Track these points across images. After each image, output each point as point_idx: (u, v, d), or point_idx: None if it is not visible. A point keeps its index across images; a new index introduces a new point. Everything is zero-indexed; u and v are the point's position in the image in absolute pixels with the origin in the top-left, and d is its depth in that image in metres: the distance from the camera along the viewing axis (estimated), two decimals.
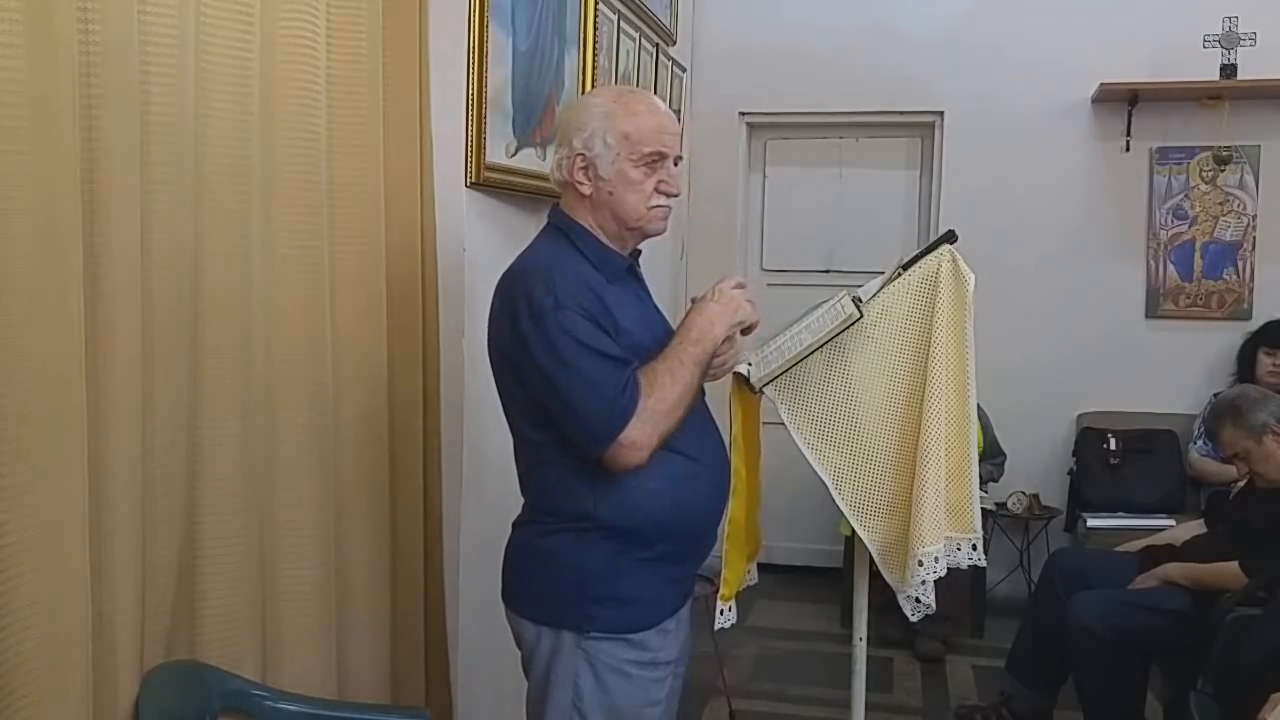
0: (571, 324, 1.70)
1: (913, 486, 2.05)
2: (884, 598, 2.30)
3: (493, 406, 2.86)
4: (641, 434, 1.72)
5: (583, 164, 1.82)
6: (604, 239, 1.86)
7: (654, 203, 1.84)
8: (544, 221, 1.96)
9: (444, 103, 2.45)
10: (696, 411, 1.85)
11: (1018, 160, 4.62)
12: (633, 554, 1.79)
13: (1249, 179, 4.51)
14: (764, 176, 5.06)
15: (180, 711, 1.69)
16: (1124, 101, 4.48)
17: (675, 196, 1.87)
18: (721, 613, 2.22)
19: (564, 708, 1.80)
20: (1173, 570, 3.07)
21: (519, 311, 1.74)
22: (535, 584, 1.84)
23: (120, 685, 1.62)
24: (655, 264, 4.29)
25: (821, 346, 2.05)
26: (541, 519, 1.84)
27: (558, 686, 1.81)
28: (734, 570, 2.16)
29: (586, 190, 1.83)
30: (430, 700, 2.40)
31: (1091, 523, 4.19)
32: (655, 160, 1.82)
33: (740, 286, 1.90)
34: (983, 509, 2.25)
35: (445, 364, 2.47)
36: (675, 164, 1.87)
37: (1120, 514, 4.19)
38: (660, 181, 1.83)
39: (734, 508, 2.14)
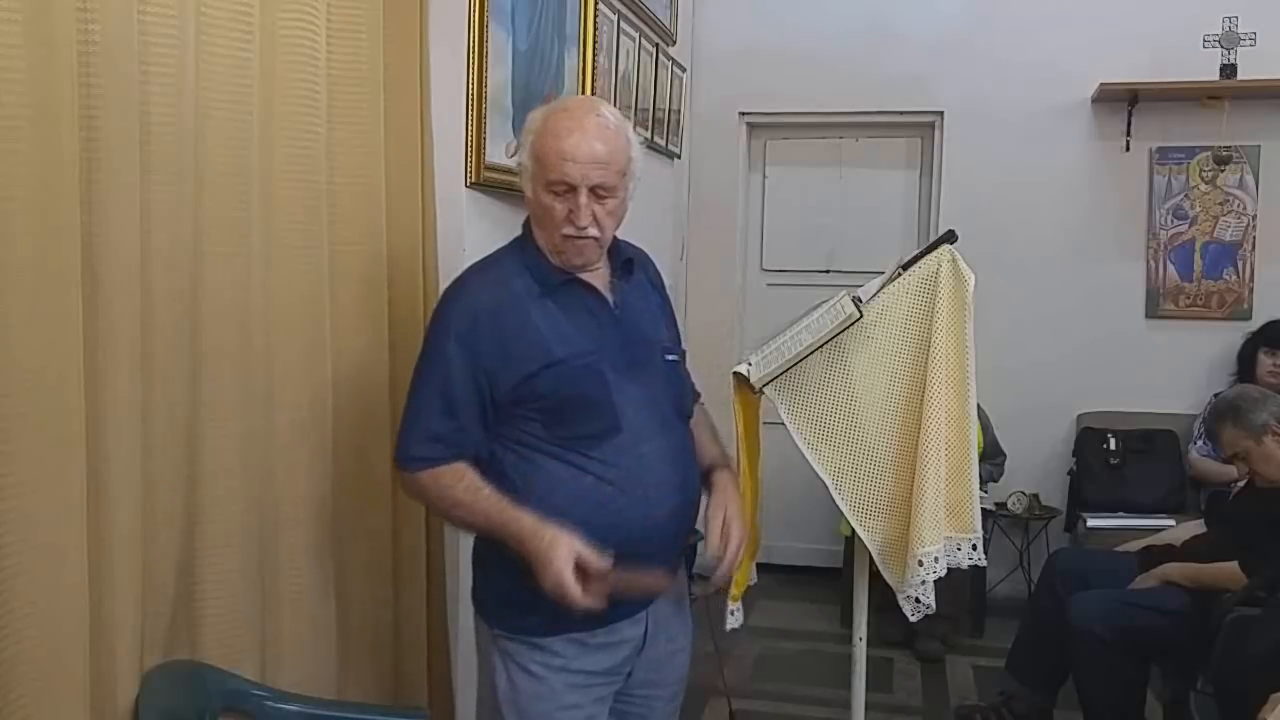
0: (448, 353, 1.74)
1: (913, 486, 2.06)
2: (884, 598, 2.30)
3: None
4: (414, 485, 1.79)
5: (518, 172, 1.82)
6: (546, 251, 1.82)
7: (564, 231, 1.75)
8: None
9: (444, 103, 2.45)
10: (649, 439, 1.80)
11: (1018, 160, 4.62)
12: (515, 571, 1.72)
13: (1249, 179, 4.50)
14: (764, 176, 5.06)
15: (180, 711, 1.69)
16: (1124, 101, 4.47)
17: (588, 231, 1.75)
18: (732, 614, 2.22)
19: (487, 700, 1.86)
20: (1173, 570, 3.07)
21: (434, 309, 1.84)
22: (475, 578, 1.91)
23: (119, 685, 1.62)
24: (656, 264, 4.29)
25: (821, 346, 2.06)
26: None
27: (484, 680, 1.86)
28: (741, 570, 2.16)
29: (526, 199, 1.82)
30: (430, 700, 2.40)
31: (1091, 523, 4.19)
32: (562, 190, 1.73)
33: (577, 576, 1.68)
34: (983, 509, 2.25)
35: None
36: (599, 196, 1.75)
37: (1120, 514, 4.19)
38: (569, 213, 1.74)
39: None
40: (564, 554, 1.64)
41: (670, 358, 1.93)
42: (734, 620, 2.22)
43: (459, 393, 1.74)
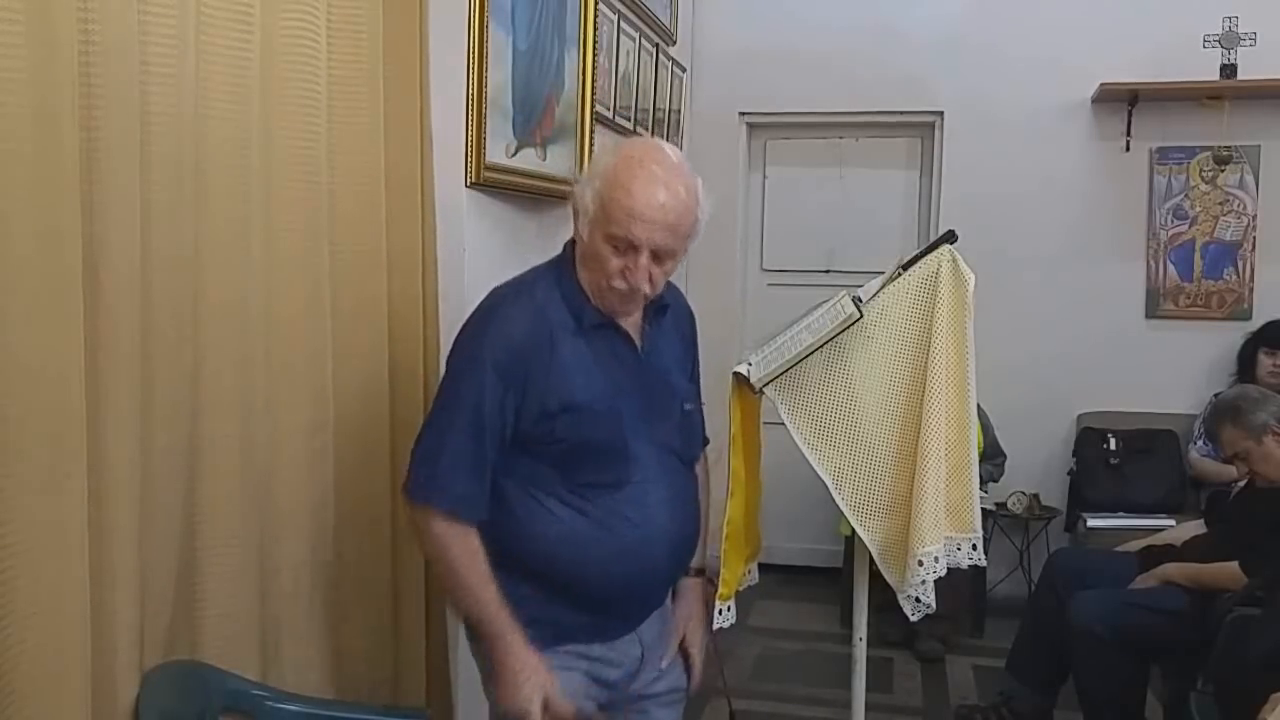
0: (484, 383, 1.68)
1: (913, 486, 2.05)
2: (884, 598, 2.30)
3: None
4: (429, 527, 1.71)
5: (574, 207, 1.73)
6: (588, 290, 1.75)
7: (615, 283, 1.69)
8: (543, 222, 1.96)
9: (444, 103, 2.45)
10: (655, 489, 1.78)
11: (1018, 160, 4.62)
12: (501, 579, 1.73)
13: (1249, 179, 4.51)
14: (764, 176, 5.06)
15: (180, 711, 1.69)
16: (1124, 101, 4.48)
17: (640, 288, 1.69)
18: (720, 612, 2.21)
19: (480, 684, 1.86)
20: (1173, 570, 3.07)
21: (464, 327, 1.77)
22: None
23: (120, 685, 1.62)
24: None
25: (821, 346, 2.05)
26: None
27: (477, 664, 1.86)
28: (732, 570, 2.16)
29: (575, 236, 1.76)
30: (430, 700, 2.40)
31: (1091, 523, 4.19)
32: (623, 247, 1.66)
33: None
34: (983, 509, 2.25)
35: (445, 364, 2.46)
36: (659, 258, 1.68)
37: (1120, 514, 4.19)
38: (624, 268, 1.67)
39: (732, 508, 2.15)
40: (536, 688, 1.69)
41: (688, 407, 1.91)
42: (721, 620, 2.22)
43: (490, 427, 1.69)
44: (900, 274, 2.12)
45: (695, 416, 1.95)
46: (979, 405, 2.29)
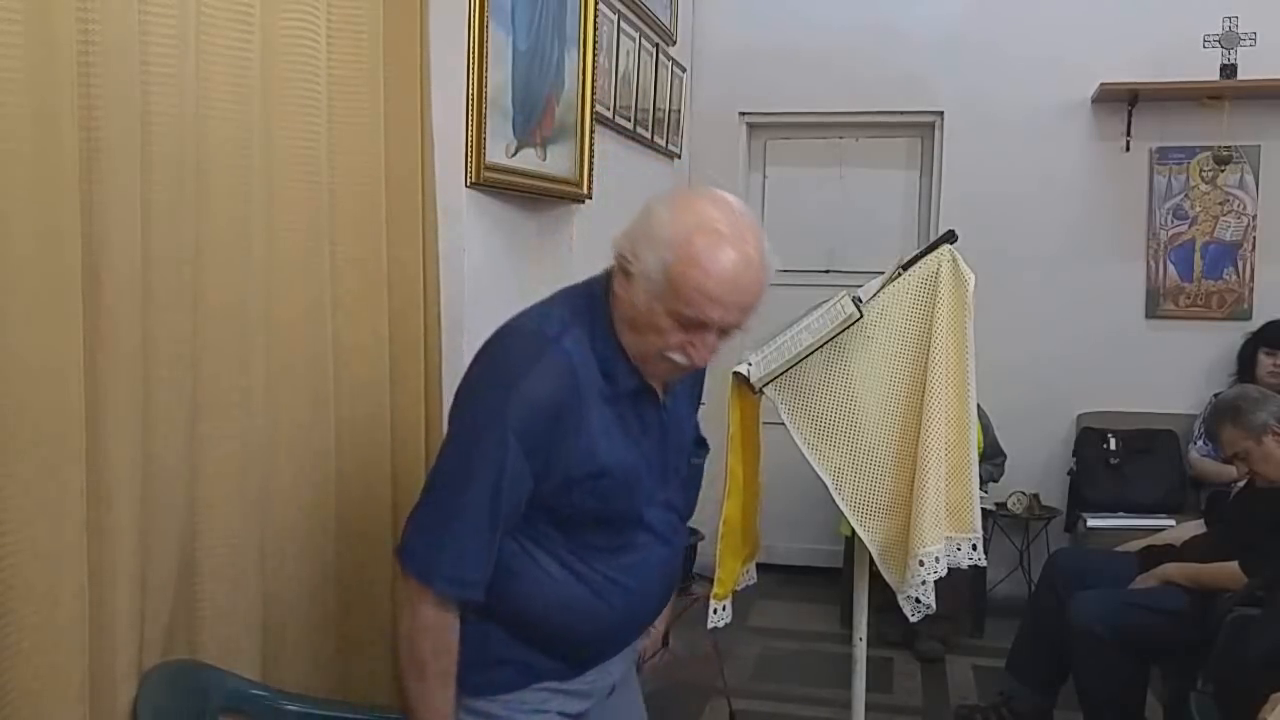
0: (502, 457, 1.50)
1: (913, 486, 2.06)
2: (884, 598, 2.30)
3: None
4: (420, 606, 1.53)
5: (624, 266, 1.53)
6: (628, 351, 1.58)
7: (671, 355, 1.54)
8: (543, 222, 1.92)
9: (444, 103, 2.45)
10: (654, 551, 1.69)
11: (1018, 160, 4.63)
12: (473, 620, 1.61)
13: (1249, 179, 4.51)
14: (764, 176, 5.06)
15: (178, 712, 1.69)
16: (1124, 101, 4.48)
17: (696, 363, 1.56)
18: (715, 611, 2.21)
19: None
20: (1173, 570, 3.07)
21: (480, 373, 1.57)
22: None
23: (119, 685, 1.62)
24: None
25: (821, 346, 2.06)
26: None
27: None
28: (728, 570, 2.16)
29: (620, 292, 1.55)
30: None
31: (1091, 523, 4.19)
32: (691, 326, 1.51)
33: None
34: (983, 509, 2.25)
35: (446, 364, 2.47)
36: (724, 333, 1.55)
37: (1120, 514, 4.20)
38: (687, 344, 1.52)
39: (729, 509, 2.15)
40: None
41: (695, 461, 1.85)
42: (716, 619, 2.22)
43: (507, 502, 1.52)
44: (900, 274, 2.12)
45: (698, 469, 1.88)
46: (979, 405, 2.30)
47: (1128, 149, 4.54)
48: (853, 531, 2.16)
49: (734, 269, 1.48)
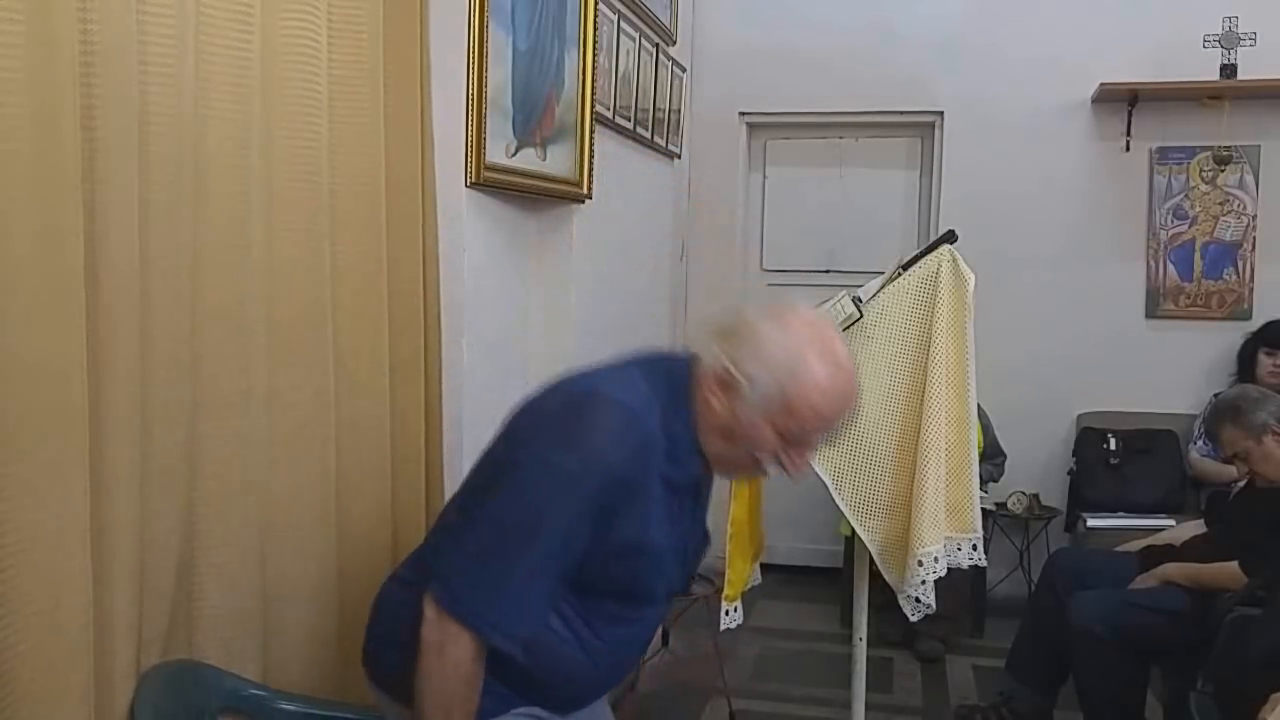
0: (570, 515, 1.51)
1: (913, 486, 2.06)
2: (884, 597, 2.30)
3: (494, 406, 2.86)
4: (454, 642, 1.52)
5: (728, 382, 1.56)
6: (703, 446, 1.61)
7: (766, 466, 1.60)
8: (543, 222, 1.92)
9: (444, 103, 2.45)
10: (654, 613, 1.71)
11: (1018, 160, 4.63)
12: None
13: (1249, 179, 4.51)
14: (764, 176, 5.06)
15: (177, 712, 1.69)
16: (1124, 101, 4.48)
17: (796, 475, 1.63)
18: (727, 613, 2.22)
19: None
20: (1173, 570, 3.07)
21: (562, 433, 1.54)
22: (391, 661, 1.68)
23: (118, 686, 1.62)
24: (655, 264, 4.31)
25: None
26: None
27: None
28: (737, 571, 2.16)
29: (716, 403, 1.57)
30: None
31: (1091, 523, 4.19)
32: (796, 441, 1.58)
33: None
34: (983, 509, 2.25)
35: (446, 364, 2.47)
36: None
37: (1120, 514, 4.20)
38: (786, 455, 1.58)
39: (735, 509, 2.15)
40: None
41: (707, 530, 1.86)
42: (729, 620, 2.22)
43: (569, 557, 1.54)
44: (900, 274, 2.12)
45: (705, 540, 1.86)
46: (979, 405, 2.30)
47: (1128, 149, 4.54)
48: (853, 531, 2.17)
49: (844, 389, 1.55)
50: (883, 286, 2.13)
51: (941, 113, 4.74)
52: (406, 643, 1.59)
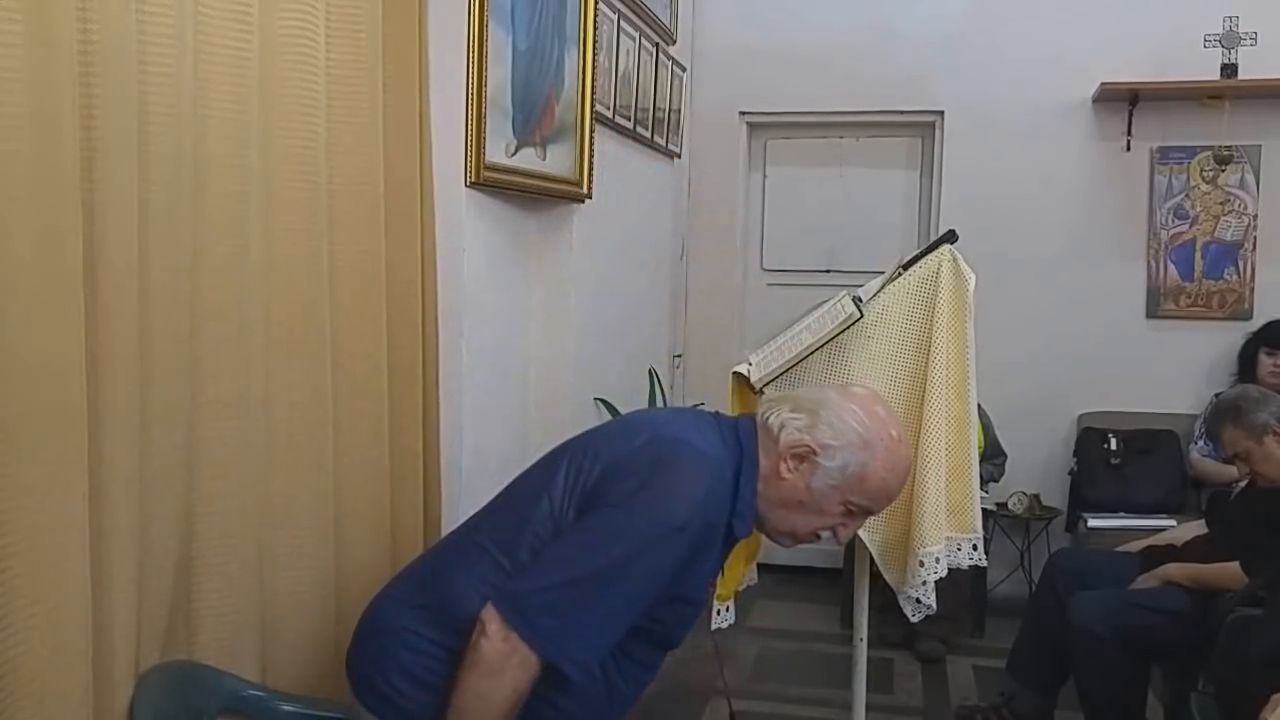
0: (667, 554, 1.56)
1: (913, 486, 2.05)
2: (884, 598, 2.30)
3: (493, 407, 2.87)
4: (516, 660, 1.53)
5: (806, 455, 1.65)
6: (761, 511, 1.69)
7: (819, 535, 1.72)
8: (543, 222, 1.93)
9: (444, 102, 2.45)
10: (661, 663, 1.76)
11: (1018, 160, 4.62)
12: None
13: (1249, 179, 4.50)
14: (764, 176, 5.06)
15: (176, 712, 1.69)
16: (1124, 101, 4.47)
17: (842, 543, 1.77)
18: (718, 613, 2.22)
19: None
20: (1173, 570, 3.07)
21: (645, 479, 1.58)
22: (404, 697, 1.66)
23: (119, 686, 1.62)
24: (655, 264, 4.30)
25: (821, 346, 2.05)
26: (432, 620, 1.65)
27: None
28: (733, 572, 2.16)
29: (785, 475, 1.66)
30: None
31: (1092, 523, 4.19)
32: (859, 513, 1.70)
33: None
34: (983, 509, 2.25)
35: (445, 364, 2.46)
36: None
37: (1121, 514, 4.19)
38: (840, 527, 1.69)
39: None
40: None
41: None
42: (720, 620, 2.23)
43: (640, 609, 1.59)
44: (900, 274, 2.12)
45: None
46: (979, 405, 2.29)
47: (1128, 149, 4.54)
48: None
49: (907, 462, 1.72)
50: (883, 286, 2.13)
51: (941, 113, 4.74)
52: (413, 671, 1.61)
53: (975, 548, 2.16)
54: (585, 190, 3.16)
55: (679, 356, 4.72)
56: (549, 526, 1.62)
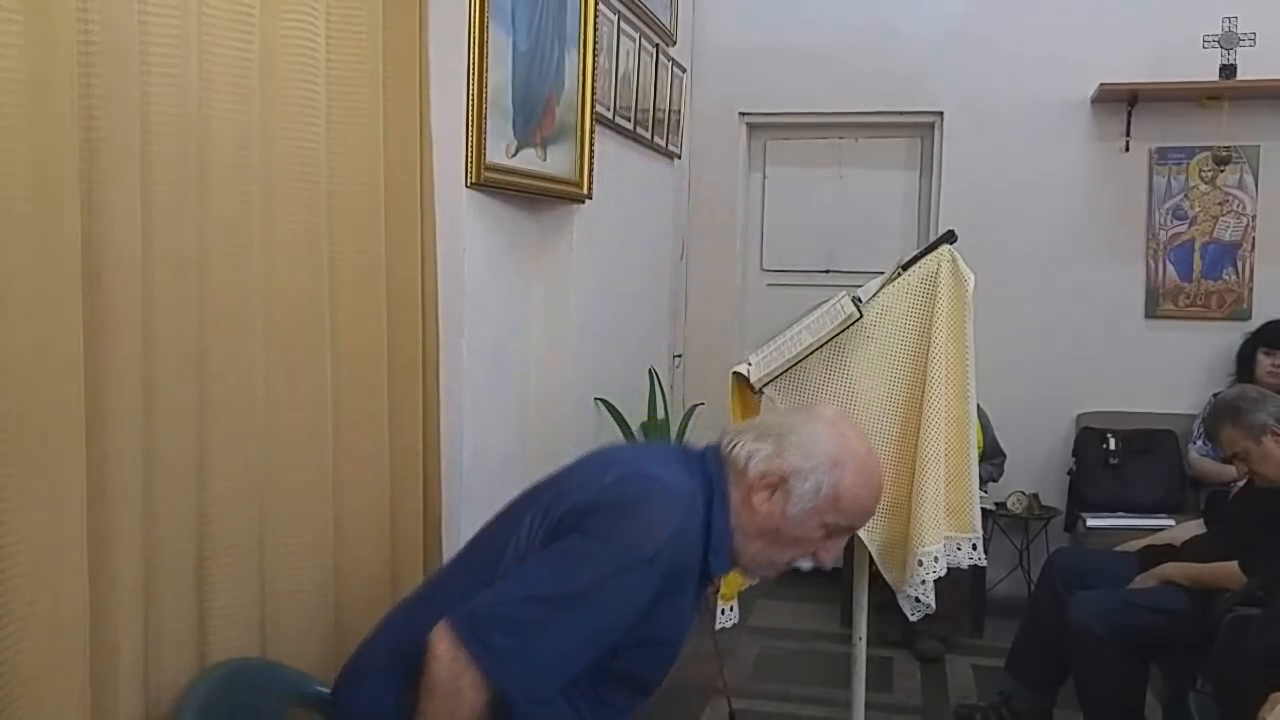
0: (621, 603, 1.52)
1: (912, 486, 2.06)
2: (884, 597, 2.30)
3: (493, 407, 2.87)
4: (468, 685, 1.46)
5: (777, 484, 1.63)
6: (736, 546, 1.66)
7: (800, 564, 1.70)
8: (543, 222, 1.93)
9: (444, 103, 2.45)
10: (629, 713, 1.71)
11: (1018, 160, 4.63)
12: None
13: (1248, 179, 4.51)
14: (764, 176, 5.07)
15: (235, 711, 1.70)
16: (1124, 101, 4.48)
17: (827, 567, 1.74)
18: (723, 612, 2.22)
19: None
20: (1172, 570, 3.07)
21: (615, 513, 1.55)
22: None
23: (120, 687, 1.62)
24: (655, 264, 4.31)
25: (821, 346, 2.06)
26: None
27: None
28: (736, 573, 2.16)
29: (759, 506, 1.64)
30: None
31: (1091, 523, 4.19)
32: (839, 532, 1.69)
33: None
34: (982, 509, 2.25)
35: (445, 364, 2.47)
36: None
37: (1120, 514, 4.20)
38: (822, 550, 1.68)
39: None
40: None
41: None
42: (724, 620, 2.24)
43: (603, 644, 1.55)
44: (900, 274, 2.12)
45: None
46: (979, 405, 2.30)
47: (1127, 149, 4.54)
48: None
49: (879, 476, 1.71)
50: (882, 286, 2.13)
51: (941, 112, 4.74)
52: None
53: (974, 547, 2.16)
54: (585, 191, 3.16)
55: (679, 356, 4.73)
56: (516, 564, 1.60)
